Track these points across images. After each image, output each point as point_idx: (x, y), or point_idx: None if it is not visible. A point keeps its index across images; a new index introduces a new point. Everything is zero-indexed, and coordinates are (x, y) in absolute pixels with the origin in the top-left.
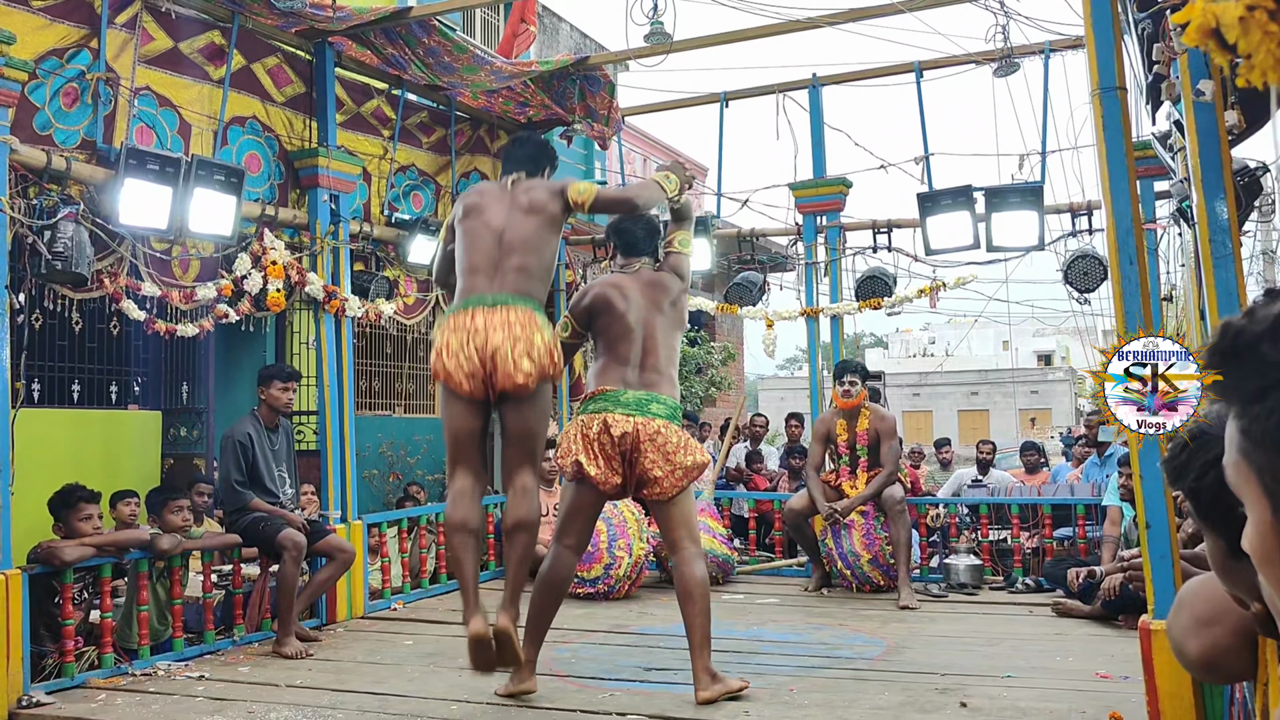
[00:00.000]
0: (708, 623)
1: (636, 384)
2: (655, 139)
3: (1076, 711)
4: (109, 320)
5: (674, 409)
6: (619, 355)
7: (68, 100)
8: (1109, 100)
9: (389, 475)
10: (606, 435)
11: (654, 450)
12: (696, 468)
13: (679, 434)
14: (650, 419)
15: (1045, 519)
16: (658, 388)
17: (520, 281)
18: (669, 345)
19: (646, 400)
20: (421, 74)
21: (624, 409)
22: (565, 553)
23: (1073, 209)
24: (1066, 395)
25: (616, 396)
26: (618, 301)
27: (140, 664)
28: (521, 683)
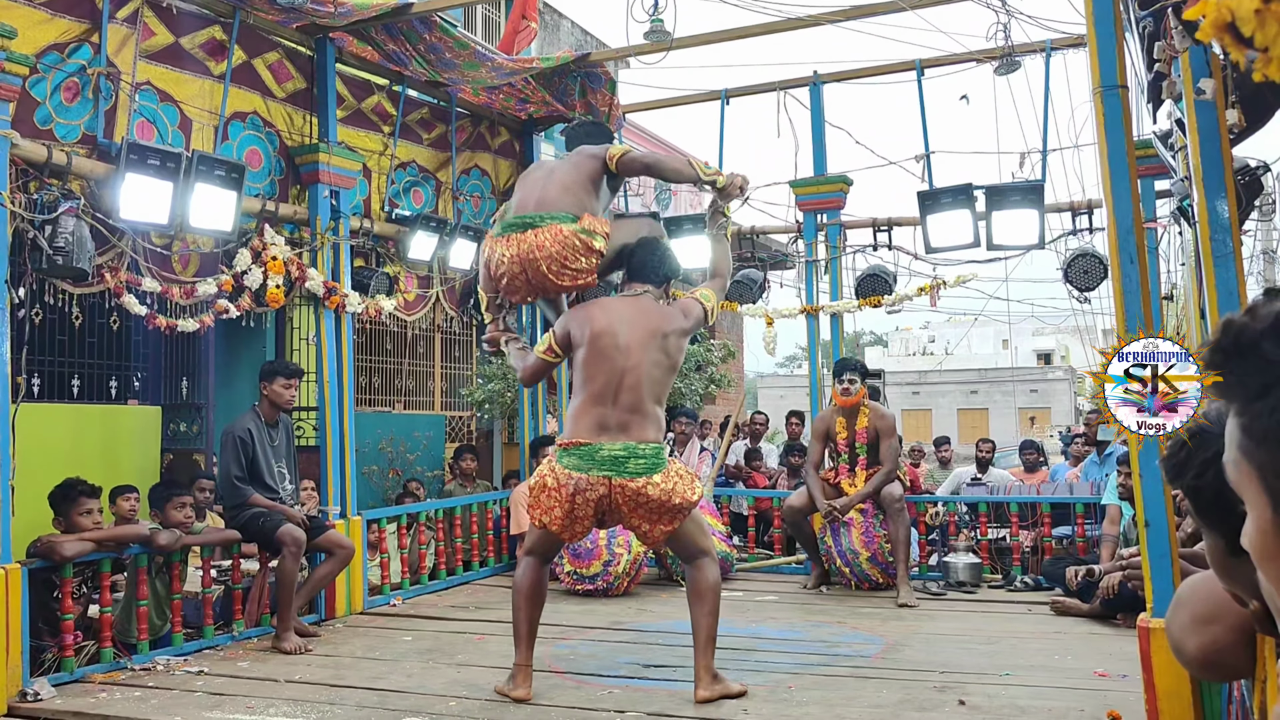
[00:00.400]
0: (715, 624)
1: (614, 428)
2: (657, 136)
3: (1075, 710)
4: (109, 315)
5: (653, 457)
6: (596, 391)
7: (69, 95)
8: (1110, 99)
9: (388, 471)
10: (580, 497)
11: (634, 510)
12: (684, 510)
13: (665, 480)
14: (628, 480)
15: (1044, 517)
16: (639, 432)
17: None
18: (655, 380)
19: (623, 458)
20: (422, 70)
21: (600, 469)
22: (535, 563)
23: (1073, 208)
24: (1066, 394)
25: (590, 452)
26: (601, 324)
27: (139, 659)
28: (517, 688)
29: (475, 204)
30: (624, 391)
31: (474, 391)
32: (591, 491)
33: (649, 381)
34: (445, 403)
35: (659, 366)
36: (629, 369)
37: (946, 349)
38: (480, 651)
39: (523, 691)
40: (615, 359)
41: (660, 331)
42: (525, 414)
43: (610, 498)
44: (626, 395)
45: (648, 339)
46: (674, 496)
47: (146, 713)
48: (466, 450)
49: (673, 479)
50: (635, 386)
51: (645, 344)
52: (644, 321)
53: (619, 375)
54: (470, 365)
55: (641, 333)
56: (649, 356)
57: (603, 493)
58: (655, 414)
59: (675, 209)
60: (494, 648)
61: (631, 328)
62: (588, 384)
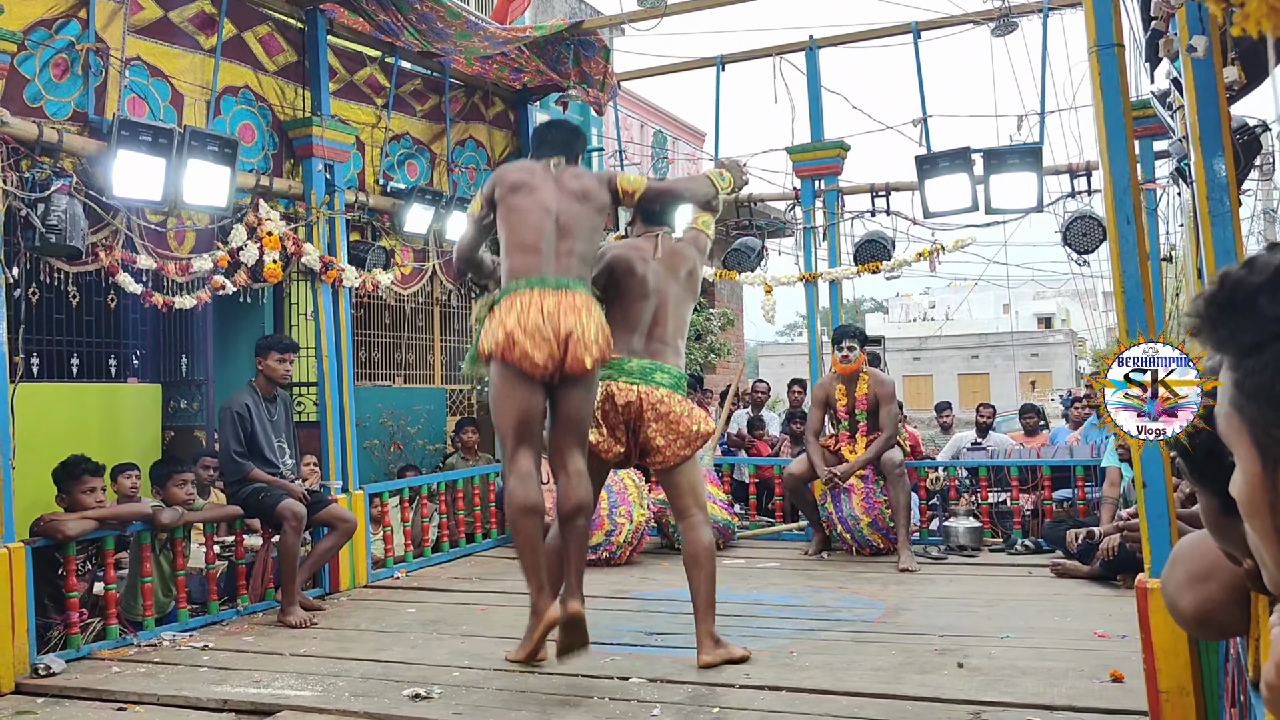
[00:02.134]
0: (713, 588)
1: (642, 352)
2: (652, 104)
3: (1074, 670)
4: (106, 294)
5: (679, 378)
6: (630, 320)
7: (58, 71)
8: (1106, 57)
9: (390, 445)
10: (610, 403)
11: (657, 419)
12: (700, 436)
13: (683, 403)
14: (654, 388)
15: (1044, 481)
16: (663, 357)
17: (577, 266)
18: (679, 316)
19: (651, 369)
20: (415, 40)
21: (628, 377)
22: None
23: (1072, 170)
24: (1067, 358)
25: (621, 364)
26: (638, 265)
27: (145, 635)
28: (531, 649)
29: (470, 175)
30: (655, 325)
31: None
32: (620, 396)
33: (675, 317)
34: (445, 376)
35: (683, 303)
36: (660, 304)
37: (947, 314)
38: (484, 622)
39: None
40: (649, 294)
41: (681, 270)
42: None
43: (637, 404)
44: (656, 328)
45: (671, 274)
46: (692, 417)
47: (154, 688)
48: (468, 422)
49: (691, 407)
50: (663, 320)
51: (669, 279)
52: (669, 260)
53: (651, 309)
54: (470, 338)
55: (667, 269)
56: (673, 291)
57: (630, 399)
58: (678, 346)
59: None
60: (497, 619)
61: (659, 264)
62: (622, 313)
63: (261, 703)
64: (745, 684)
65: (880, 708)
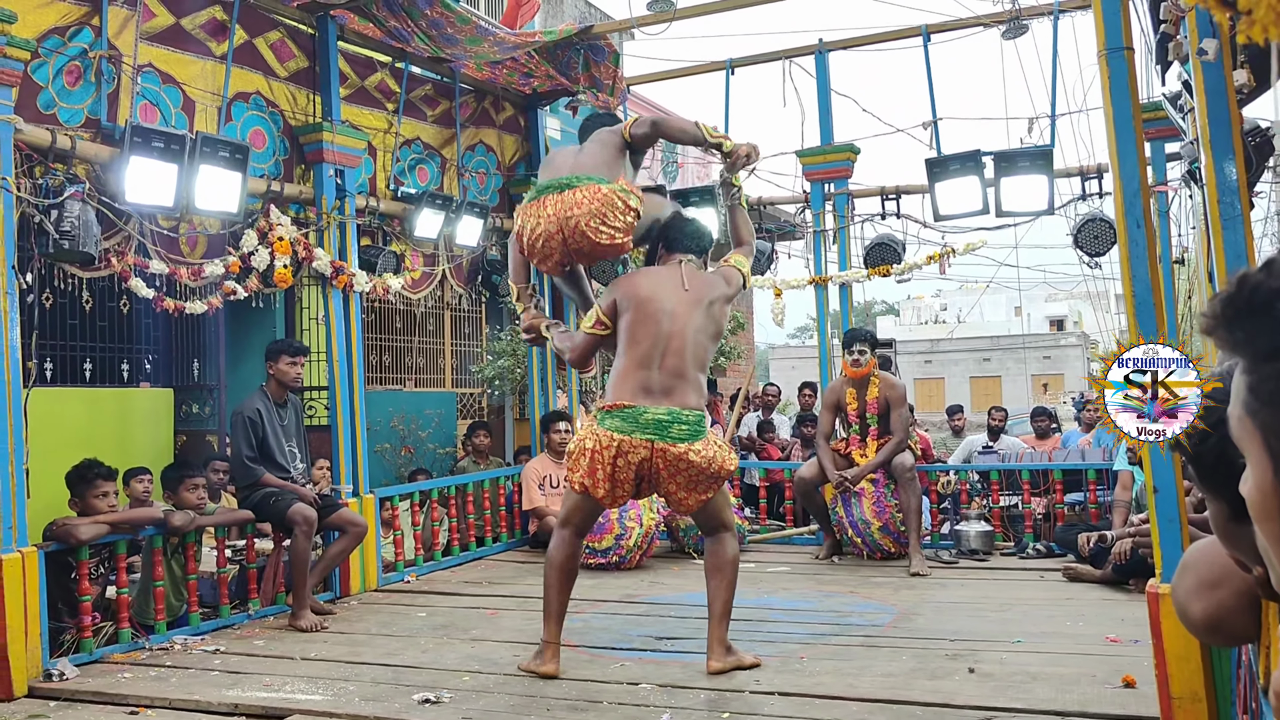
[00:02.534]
0: (731, 597)
1: (658, 392)
2: (661, 108)
3: (1086, 676)
4: (119, 299)
5: (697, 424)
6: (641, 354)
7: (71, 79)
8: (1116, 61)
9: (400, 449)
10: (622, 459)
11: (673, 476)
12: (721, 479)
13: (702, 452)
14: (670, 445)
15: (1056, 484)
16: (682, 397)
17: None
18: (699, 345)
19: (668, 422)
20: (425, 46)
21: (644, 433)
22: (570, 536)
23: (1083, 172)
24: (1079, 360)
25: (635, 415)
26: (646, 290)
27: (157, 639)
28: (545, 664)
29: (481, 180)
30: (669, 356)
31: (484, 368)
32: (634, 454)
33: (693, 347)
34: (456, 379)
35: (703, 333)
36: (674, 334)
37: (959, 317)
38: (494, 627)
39: (551, 667)
40: (661, 323)
41: (705, 298)
42: (535, 390)
43: (651, 461)
44: (671, 360)
45: (694, 305)
46: (713, 464)
47: (166, 691)
48: (480, 426)
49: (713, 448)
50: (680, 351)
51: (691, 310)
52: (689, 288)
53: (665, 340)
54: (480, 342)
55: (688, 299)
56: (694, 323)
57: (644, 455)
58: (698, 381)
59: (683, 181)
60: (507, 623)
61: (677, 293)
62: (632, 348)
63: (272, 707)
64: (756, 689)
65: (891, 714)
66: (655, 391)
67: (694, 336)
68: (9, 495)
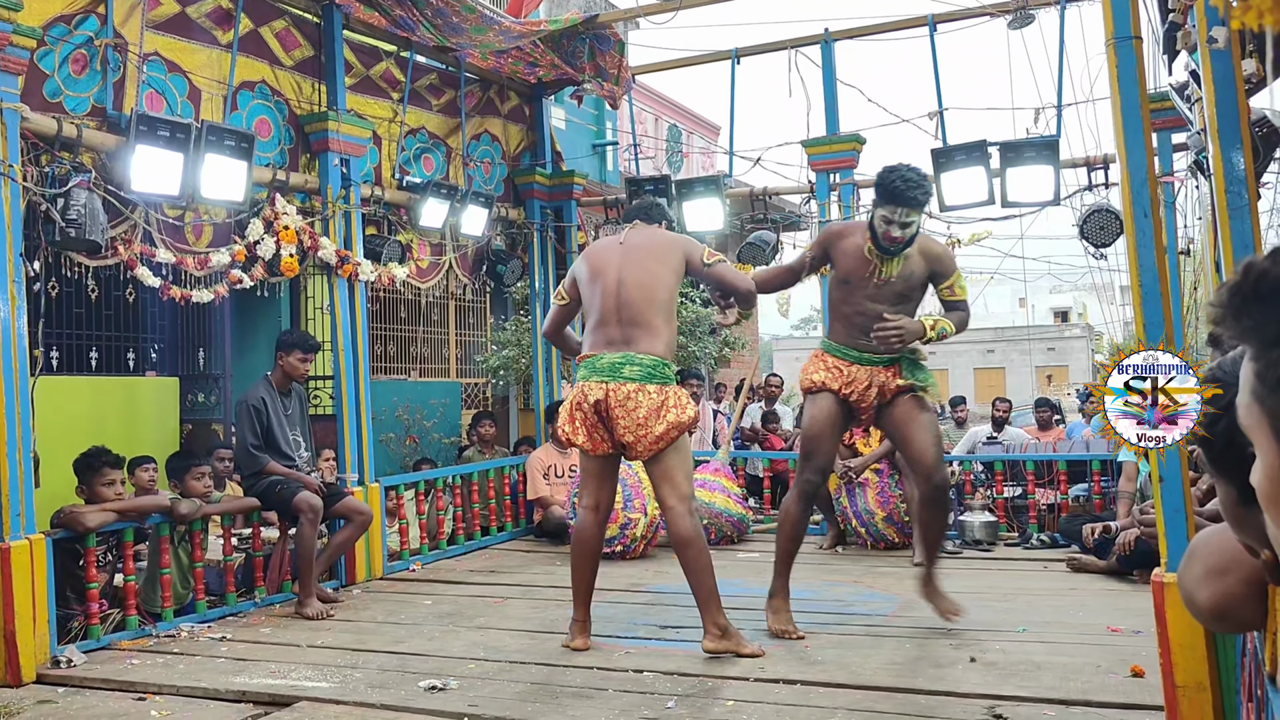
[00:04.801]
0: (707, 578)
1: (619, 341)
2: (666, 98)
3: (1091, 665)
4: (125, 288)
5: (651, 367)
6: (599, 314)
7: (76, 67)
8: (1123, 50)
9: (405, 439)
10: (586, 404)
11: (624, 415)
12: (674, 428)
13: (652, 396)
14: (621, 384)
15: (1060, 475)
16: (636, 344)
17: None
18: (647, 292)
19: (620, 364)
20: (430, 35)
21: (599, 375)
22: (585, 514)
23: (1089, 163)
24: (1084, 352)
25: (594, 362)
26: (593, 259)
27: (164, 626)
28: (573, 639)
29: (486, 170)
30: (622, 308)
31: (489, 358)
32: (592, 395)
33: (643, 296)
34: (461, 369)
35: (651, 282)
36: (623, 286)
37: None
38: (500, 615)
39: (578, 642)
40: (609, 282)
41: (647, 249)
42: (540, 379)
43: (606, 402)
44: (625, 311)
45: (634, 258)
46: (665, 411)
47: (173, 678)
48: (485, 416)
49: (670, 395)
50: (631, 302)
51: (632, 263)
52: (634, 243)
53: (614, 296)
54: (485, 332)
55: (625, 253)
56: (635, 274)
57: (599, 397)
58: (659, 328)
59: (687, 170)
60: (514, 611)
61: (616, 252)
62: (591, 311)
63: (279, 693)
64: (760, 677)
65: (895, 702)
66: (616, 341)
67: (647, 283)
68: (17, 483)
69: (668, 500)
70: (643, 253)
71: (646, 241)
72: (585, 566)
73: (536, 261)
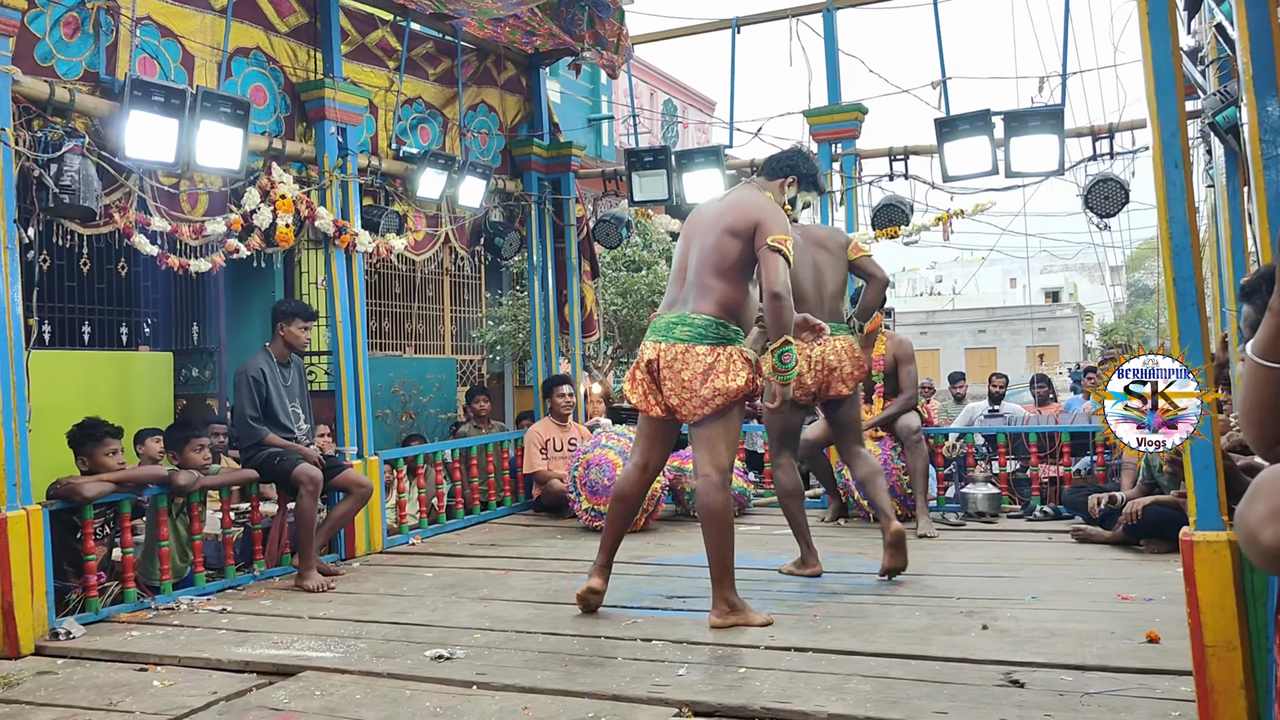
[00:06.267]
0: (723, 553)
1: (678, 300)
2: (662, 72)
3: (1105, 632)
4: (117, 261)
5: (702, 327)
6: (674, 272)
7: (68, 30)
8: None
9: (401, 415)
10: (642, 364)
11: (671, 377)
12: (720, 394)
13: (701, 358)
14: (671, 344)
15: (1063, 447)
16: (691, 304)
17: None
18: (714, 252)
19: (674, 324)
20: (428, 2)
21: (653, 335)
22: (631, 469)
23: (1094, 132)
24: (1074, 331)
25: (656, 321)
26: (691, 218)
27: (163, 599)
28: (593, 578)
29: (483, 141)
30: (688, 270)
31: (485, 333)
32: (647, 354)
33: (705, 260)
34: (456, 346)
35: (717, 245)
36: (694, 246)
37: (954, 289)
38: (503, 586)
39: (597, 583)
40: (692, 240)
41: (732, 210)
42: (539, 355)
43: (656, 362)
44: (691, 273)
45: (720, 218)
46: (712, 376)
47: (173, 649)
48: (479, 391)
49: (721, 358)
50: (696, 263)
51: (715, 223)
52: (719, 207)
53: (685, 253)
54: (480, 308)
55: (718, 213)
56: (710, 237)
57: (651, 356)
58: (717, 286)
59: (683, 143)
60: (517, 583)
61: (707, 214)
62: (673, 266)
63: (283, 663)
64: (770, 645)
65: (909, 668)
66: (677, 301)
67: (705, 249)
68: (13, 453)
69: (702, 467)
70: (723, 213)
71: (734, 202)
72: (619, 518)
73: (534, 234)
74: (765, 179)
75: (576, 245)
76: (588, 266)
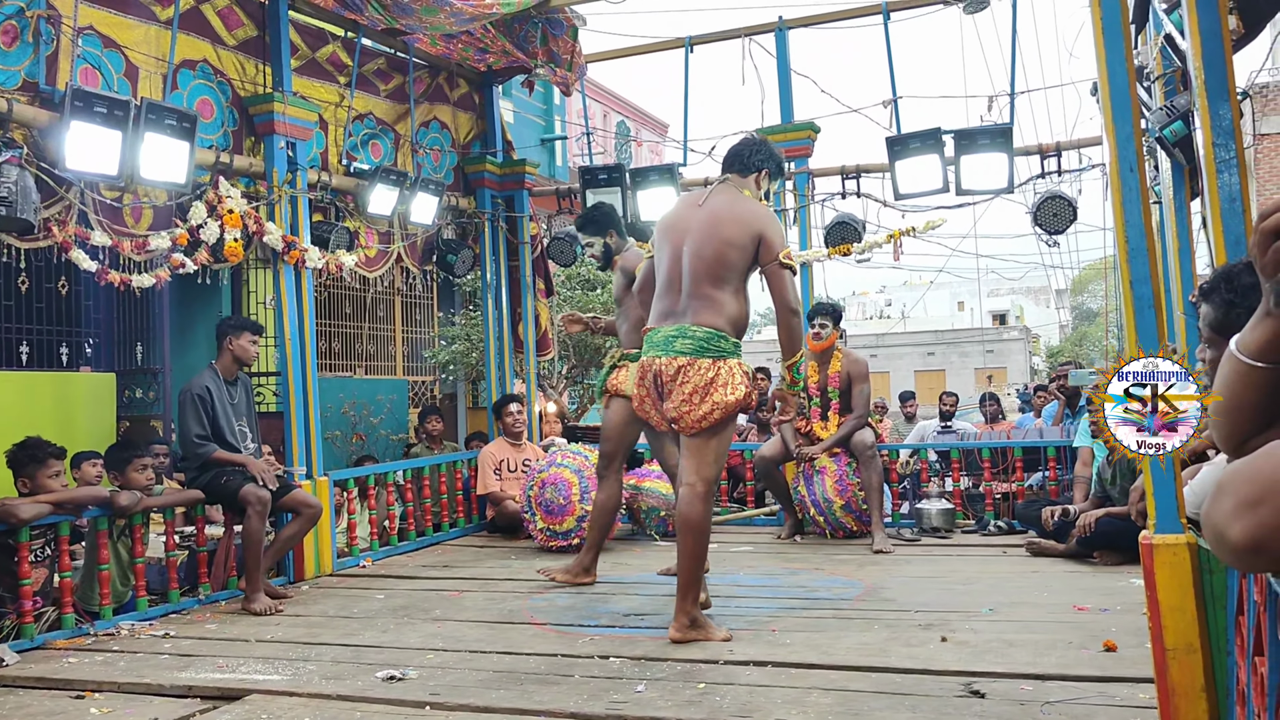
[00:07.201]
0: (692, 565)
1: (676, 314)
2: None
3: (1062, 642)
4: (57, 279)
5: (704, 340)
6: (664, 281)
7: (7, 39)
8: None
9: (352, 436)
10: (646, 378)
11: (674, 391)
12: (719, 408)
13: (702, 372)
14: (673, 358)
15: (1016, 463)
16: (695, 315)
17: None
18: (716, 263)
19: (674, 336)
20: (379, 17)
21: (653, 350)
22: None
23: (1042, 150)
24: (1022, 353)
25: (652, 336)
26: (670, 216)
27: (102, 624)
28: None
29: (435, 158)
30: (683, 279)
31: (437, 353)
32: (649, 370)
33: (706, 269)
34: (408, 367)
35: (717, 256)
36: (688, 255)
37: (903, 312)
38: (457, 607)
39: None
40: (676, 247)
41: (727, 218)
42: (493, 375)
43: (659, 376)
44: (687, 281)
45: (714, 226)
46: (712, 390)
47: (113, 675)
48: (431, 411)
49: (722, 371)
50: (693, 273)
51: (709, 231)
52: (712, 208)
53: (678, 262)
54: (432, 328)
55: (709, 220)
56: (706, 247)
57: (655, 371)
58: (717, 298)
59: (637, 160)
60: (471, 603)
61: (694, 213)
62: (658, 277)
63: (229, 687)
64: (729, 660)
65: (870, 680)
66: (675, 313)
67: (703, 259)
68: None
69: (687, 476)
70: (717, 222)
71: (726, 210)
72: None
73: (488, 252)
74: (739, 176)
75: (530, 263)
76: (542, 285)
